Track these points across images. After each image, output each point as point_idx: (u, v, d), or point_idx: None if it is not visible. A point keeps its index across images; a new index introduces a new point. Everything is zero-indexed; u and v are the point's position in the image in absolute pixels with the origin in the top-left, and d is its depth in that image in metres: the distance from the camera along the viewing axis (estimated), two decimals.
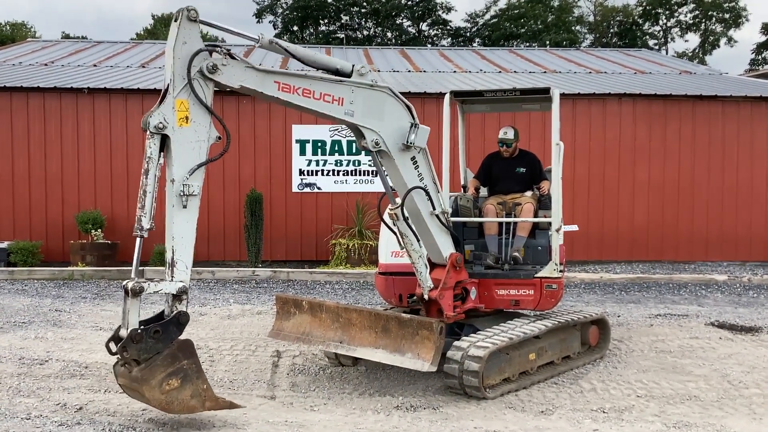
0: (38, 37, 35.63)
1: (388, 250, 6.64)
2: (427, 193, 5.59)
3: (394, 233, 5.77)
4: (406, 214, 5.51)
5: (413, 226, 5.57)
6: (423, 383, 5.71)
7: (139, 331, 4.16)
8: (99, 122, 14.00)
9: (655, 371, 6.18)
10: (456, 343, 5.44)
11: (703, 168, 14.71)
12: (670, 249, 14.64)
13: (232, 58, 4.59)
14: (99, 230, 13.17)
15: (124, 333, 4.17)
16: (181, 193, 4.43)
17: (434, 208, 5.66)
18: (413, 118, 5.46)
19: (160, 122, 4.32)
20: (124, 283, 4.24)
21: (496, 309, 6.50)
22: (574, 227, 9.00)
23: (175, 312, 4.42)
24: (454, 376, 5.24)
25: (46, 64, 17.97)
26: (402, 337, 5.13)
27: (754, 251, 14.74)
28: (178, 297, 4.43)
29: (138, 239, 4.37)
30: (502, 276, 6.46)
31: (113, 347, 4.26)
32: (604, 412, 5.02)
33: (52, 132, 13.92)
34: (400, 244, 5.75)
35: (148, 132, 4.31)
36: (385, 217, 6.02)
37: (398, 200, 5.59)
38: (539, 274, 6.35)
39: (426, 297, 5.69)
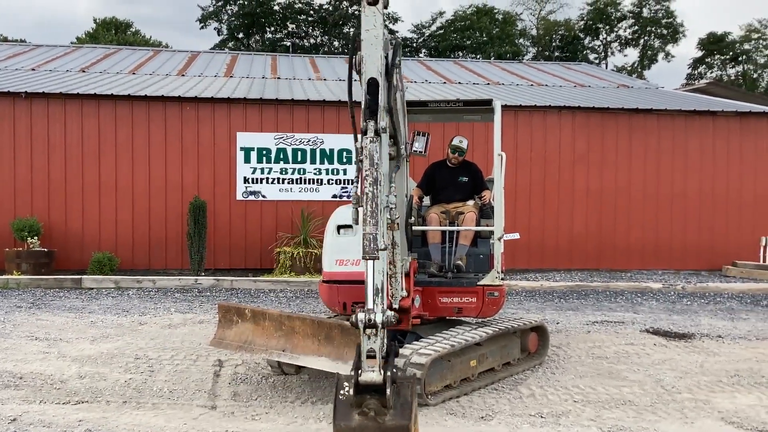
0: None
1: (333, 258, 6.65)
2: (410, 202, 5.67)
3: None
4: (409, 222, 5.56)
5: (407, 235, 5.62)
6: None
7: (394, 370, 3.34)
8: (36, 127, 13.65)
9: (592, 377, 6.33)
10: (399, 350, 5.48)
11: (639, 179, 15.16)
12: (607, 257, 15.02)
13: None
14: (35, 238, 12.82)
15: (372, 377, 3.31)
16: (389, 206, 3.84)
17: (409, 216, 5.73)
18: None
19: (384, 123, 3.70)
20: (366, 316, 3.41)
21: (438, 316, 6.58)
22: (516, 236, 9.16)
23: (388, 344, 3.57)
24: None
25: None
26: (345, 344, 5.13)
27: (688, 260, 15.23)
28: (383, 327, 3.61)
29: (372, 262, 3.62)
30: (446, 284, 6.53)
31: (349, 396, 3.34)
32: (542, 416, 5.12)
33: None
34: None
35: (371, 135, 3.65)
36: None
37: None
38: (481, 282, 6.44)
39: (396, 306, 5.72)
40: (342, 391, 3.32)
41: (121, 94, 13.98)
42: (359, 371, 3.33)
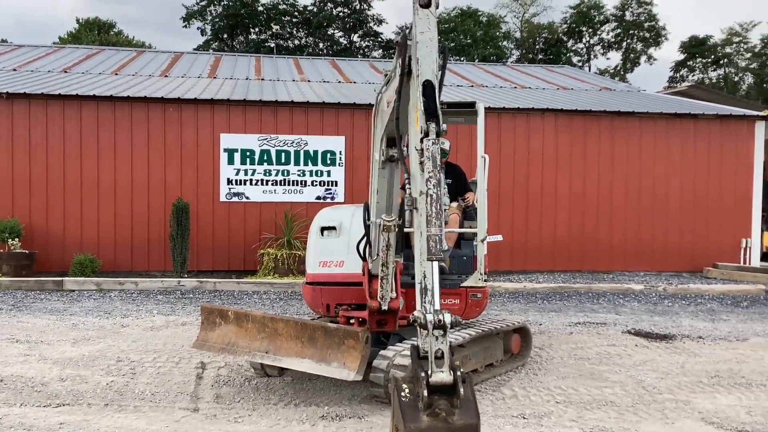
0: None
1: (316, 260, 6.64)
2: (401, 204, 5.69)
3: (370, 244, 5.75)
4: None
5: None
6: (349, 392, 5.73)
7: (462, 370, 3.29)
8: (17, 128, 13.52)
9: (574, 378, 6.37)
10: (382, 352, 5.49)
11: (621, 181, 15.27)
12: (590, 259, 15.11)
13: None
14: (16, 240, 12.70)
15: (443, 377, 3.26)
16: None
17: (399, 218, 5.74)
18: None
19: (446, 125, 3.68)
20: (436, 317, 3.36)
21: None
22: (499, 237, 9.20)
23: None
24: (379, 384, 5.27)
25: None
26: (328, 346, 5.13)
27: (669, 261, 15.35)
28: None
29: (437, 263, 3.58)
30: None
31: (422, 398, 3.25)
32: (524, 417, 5.15)
33: None
34: (363, 256, 5.77)
35: (432, 137, 3.60)
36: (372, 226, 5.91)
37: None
38: (464, 284, 6.46)
39: (386, 307, 5.74)
40: (403, 394, 3.28)
41: (104, 94, 13.89)
42: (429, 372, 3.26)
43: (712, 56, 52.60)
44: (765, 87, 51.76)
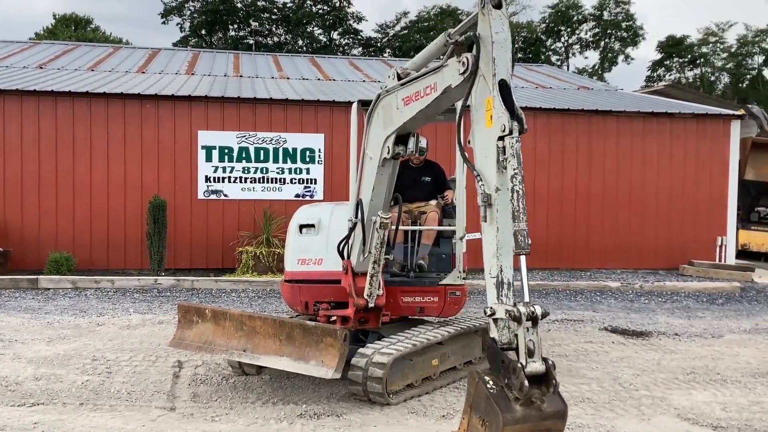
0: None
1: (295, 257, 6.62)
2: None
3: (364, 242, 5.73)
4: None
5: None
6: (327, 390, 5.72)
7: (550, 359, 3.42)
8: None
9: None
10: (360, 350, 5.48)
11: (598, 179, 15.36)
12: (567, 257, 15.19)
13: None
14: None
15: (536, 367, 3.35)
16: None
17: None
18: None
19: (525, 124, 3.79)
20: (527, 309, 3.46)
21: (401, 316, 6.59)
22: (478, 235, 9.21)
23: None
24: (358, 382, 5.27)
25: None
26: (306, 344, 5.11)
27: (645, 259, 15.48)
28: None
29: (524, 257, 3.66)
30: (408, 283, 6.55)
31: (523, 388, 3.32)
32: None
33: None
34: (348, 253, 5.76)
35: (516, 135, 3.79)
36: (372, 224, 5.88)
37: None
38: (443, 282, 6.48)
39: (372, 305, 5.74)
40: (489, 386, 3.38)
41: (79, 91, 13.72)
42: (523, 365, 3.33)
43: (689, 56, 53.17)
44: (741, 87, 52.45)
